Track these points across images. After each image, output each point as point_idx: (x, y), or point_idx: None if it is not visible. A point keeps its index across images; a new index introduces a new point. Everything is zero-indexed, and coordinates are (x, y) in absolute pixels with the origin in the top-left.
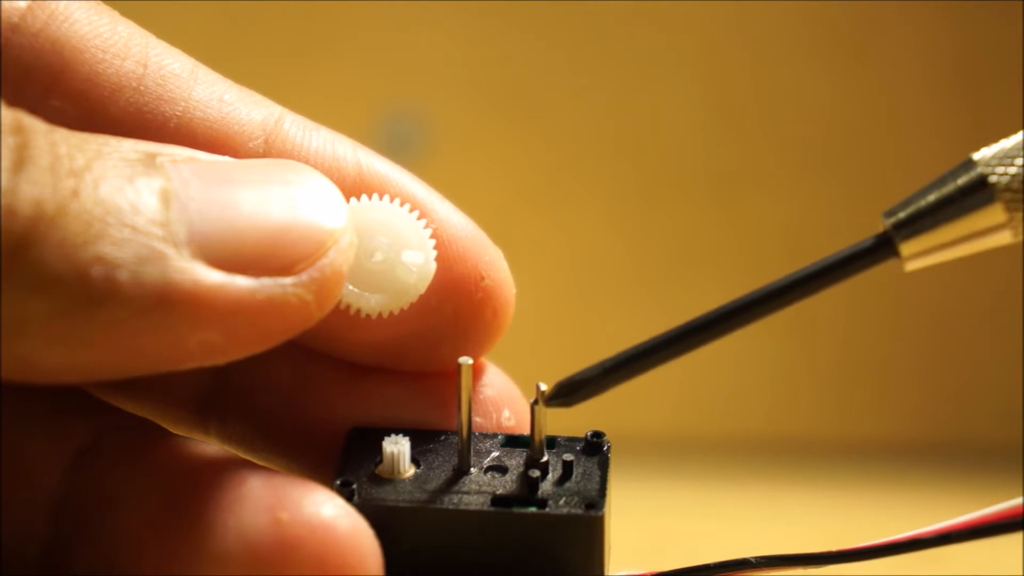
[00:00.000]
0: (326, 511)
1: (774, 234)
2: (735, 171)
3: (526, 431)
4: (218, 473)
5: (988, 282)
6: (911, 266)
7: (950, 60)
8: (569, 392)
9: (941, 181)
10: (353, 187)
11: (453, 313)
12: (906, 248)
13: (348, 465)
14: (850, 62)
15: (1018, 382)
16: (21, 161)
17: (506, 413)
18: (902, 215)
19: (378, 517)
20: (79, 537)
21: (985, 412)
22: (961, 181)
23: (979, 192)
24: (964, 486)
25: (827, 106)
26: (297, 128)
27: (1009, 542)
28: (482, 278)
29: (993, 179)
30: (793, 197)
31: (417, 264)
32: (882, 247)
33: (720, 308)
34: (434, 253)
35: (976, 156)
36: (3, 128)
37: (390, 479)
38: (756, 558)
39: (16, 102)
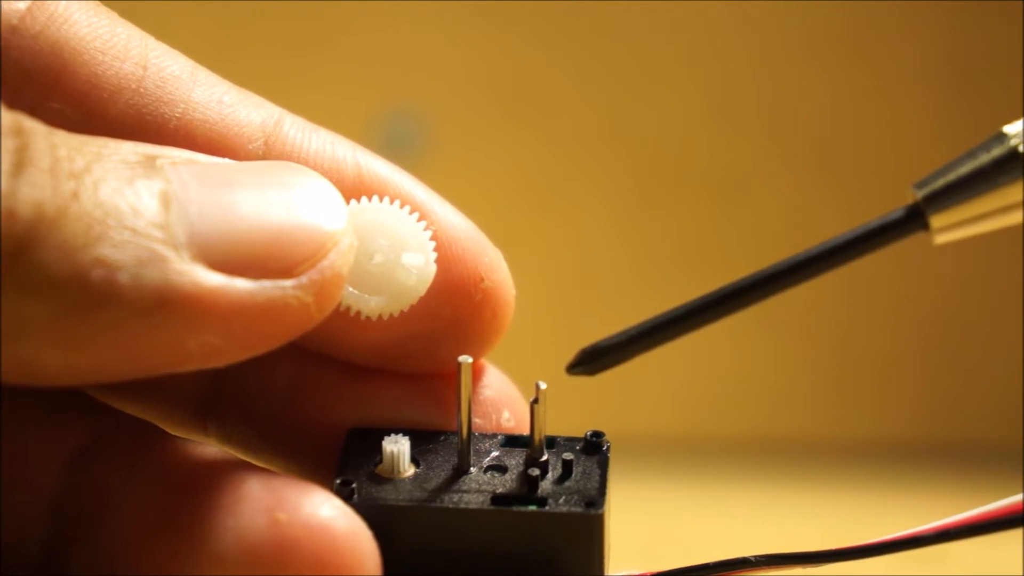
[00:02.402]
0: (324, 512)
1: (774, 234)
2: (735, 171)
3: (526, 432)
4: (217, 474)
5: (988, 282)
6: (940, 239)
7: (950, 60)
8: (592, 359)
9: (972, 154)
10: (353, 189)
11: (453, 315)
12: (937, 221)
13: (348, 465)
14: (850, 62)
15: (1018, 382)
16: (21, 163)
17: (506, 414)
18: (934, 187)
19: (378, 516)
20: (78, 538)
21: (985, 412)
22: (995, 153)
23: (1012, 165)
24: (964, 486)
25: (827, 106)
26: (296, 130)
27: (1009, 542)
28: (482, 279)
29: None
30: (793, 197)
31: (417, 266)
32: (912, 219)
33: (745, 278)
34: (434, 255)
35: (1008, 129)
36: (3, 130)
37: (390, 478)
38: (755, 557)
39: (16, 104)
